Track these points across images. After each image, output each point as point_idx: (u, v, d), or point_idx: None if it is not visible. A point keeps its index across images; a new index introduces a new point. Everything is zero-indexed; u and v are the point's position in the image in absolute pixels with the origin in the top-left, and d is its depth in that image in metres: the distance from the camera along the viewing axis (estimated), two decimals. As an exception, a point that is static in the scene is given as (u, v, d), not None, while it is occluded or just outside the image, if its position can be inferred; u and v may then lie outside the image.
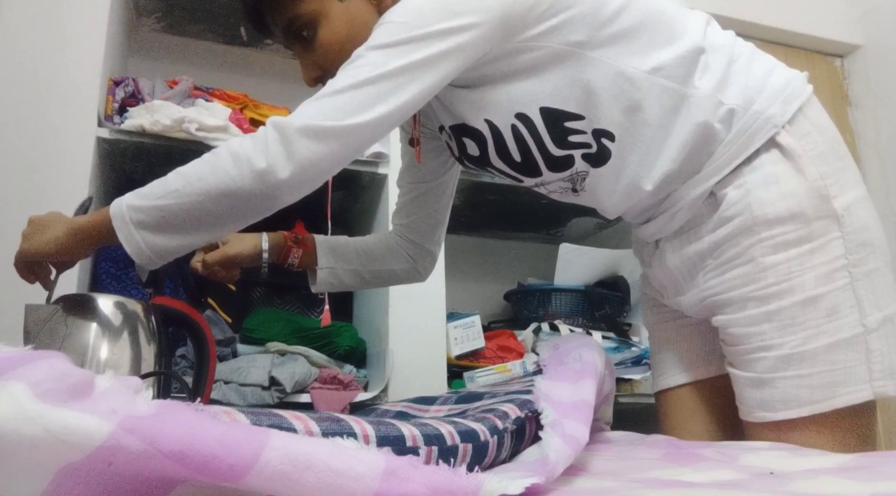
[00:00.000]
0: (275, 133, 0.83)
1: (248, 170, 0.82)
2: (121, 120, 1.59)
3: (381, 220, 1.75)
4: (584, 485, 0.63)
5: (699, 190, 0.93)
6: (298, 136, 0.82)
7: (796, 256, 0.88)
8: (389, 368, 1.60)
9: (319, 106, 0.84)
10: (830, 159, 0.91)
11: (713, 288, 0.94)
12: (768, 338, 0.88)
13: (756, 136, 0.91)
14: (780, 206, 0.89)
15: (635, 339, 2.05)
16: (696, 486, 0.59)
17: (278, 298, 1.86)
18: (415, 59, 0.84)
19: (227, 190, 0.83)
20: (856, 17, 2.66)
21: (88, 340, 0.91)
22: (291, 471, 0.41)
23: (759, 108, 0.91)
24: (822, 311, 0.87)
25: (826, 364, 0.86)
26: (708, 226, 0.94)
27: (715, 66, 0.92)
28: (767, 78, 0.93)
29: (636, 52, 0.90)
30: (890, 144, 2.51)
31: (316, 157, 0.83)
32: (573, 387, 0.88)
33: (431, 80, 0.85)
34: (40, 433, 0.36)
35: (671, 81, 0.90)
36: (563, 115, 0.91)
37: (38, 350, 0.43)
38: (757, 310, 0.89)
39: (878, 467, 0.60)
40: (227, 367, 1.56)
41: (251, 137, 0.84)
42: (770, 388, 0.88)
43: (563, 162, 0.95)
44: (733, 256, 0.92)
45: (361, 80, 0.84)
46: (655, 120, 0.91)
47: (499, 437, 0.72)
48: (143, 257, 0.86)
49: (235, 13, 2.01)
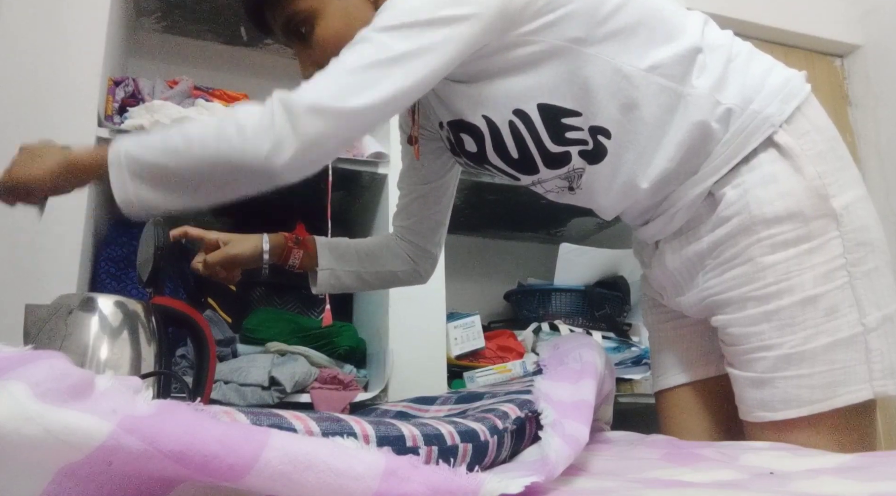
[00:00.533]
0: (281, 109, 0.83)
1: (251, 145, 0.82)
2: (121, 120, 1.59)
3: (381, 220, 1.75)
4: (584, 485, 0.63)
5: (697, 190, 0.93)
6: (306, 115, 0.82)
7: (795, 256, 0.88)
8: (389, 368, 1.60)
9: (327, 84, 0.84)
10: (829, 158, 0.91)
11: (712, 288, 0.94)
12: (767, 338, 0.88)
13: (754, 135, 0.90)
14: (779, 205, 0.88)
15: (635, 339, 2.06)
16: (696, 486, 0.59)
17: (278, 298, 1.86)
18: (421, 43, 0.85)
19: (228, 161, 0.83)
20: (856, 17, 2.66)
21: (88, 340, 0.90)
22: (291, 470, 0.41)
23: (756, 108, 0.91)
24: (821, 311, 0.86)
25: (826, 364, 0.86)
26: (707, 226, 0.94)
27: (713, 65, 0.92)
28: (765, 77, 0.93)
29: (633, 50, 0.90)
30: (890, 144, 2.51)
31: (322, 138, 0.83)
32: (573, 386, 0.88)
33: (436, 64, 0.86)
34: (40, 433, 0.36)
35: (668, 80, 0.90)
36: (560, 111, 0.91)
37: (38, 350, 0.43)
38: (756, 309, 0.89)
39: (878, 467, 0.60)
40: (227, 367, 1.56)
41: (258, 111, 0.84)
42: (770, 388, 0.88)
43: (559, 158, 0.95)
44: (732, 256, 0.91)
45: (369, 61, 0.84)
46: (652, 118, 0.91)
47: (499, 437, 0.72)
48: (129, 207, 0.87)
49: (235, 13, 2.01)
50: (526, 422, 0.81)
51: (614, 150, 0.93)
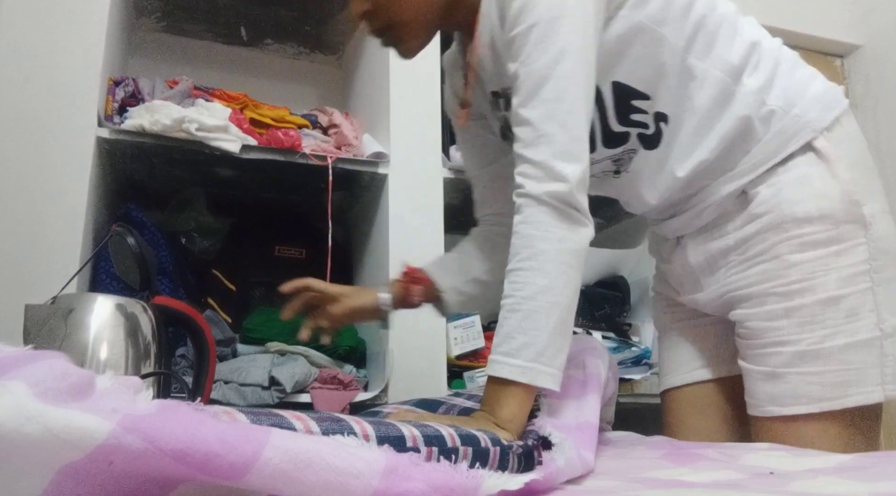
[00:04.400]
0: (563, 205, 0.82)
1: (576, 261, 0.83)
2: (121, 120, 1.59)
3: (381, 220, 1.75)
4: (584, 484, 0.63)
5: (731, 187, 0.95)
6: (580, 194, 0.82)
7: (822, 256, 0.90)
8: (389, 368, 1.60)
9: (562, 157, 0.82)
10: (862, 168, 0.95)
11: (734, 282, 0.96)
12: (786, 334, 0.90)
13: (794, 138, 0.93)
14: (812, 205, 0.91)
15: (635, 339, 2.05)
16: (695, 486, 0.59)
17: (278, 298, 1.86)
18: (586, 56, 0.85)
19: (574, 286, 0.82)
20: (856, 17, 2.66)
21: (88, 340, 0.90)
22: (292, 469, 0.41)
23: (799, 112, 0.93)
24: (843, 312, 0.88)
25: (840, 363, 0.87)
26: (735, 223, 0.96)
27: (763, 67, 0.95)
28: (808, 85, 0.96)
29: (701, 42, 0.93)
30: (890, 144, 2.51)
31: (573, 181, 0.82)
32: (577, 403, 0.87)
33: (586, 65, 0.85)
34: (41, 432, 0.36)
35: (725, 75, 0.93)
36: (632, 92, 0.94)
37: (38, 350, 0.43)
38: (778, 305, 0.91)
39: (878, 467, 0.60)
40: (227, 367, 1.56)
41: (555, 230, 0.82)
42: (782, 383, 0.90)
43: (619, 138, 0.97)
44: (759, 252, 0.93)
45: (564, 115, 0.83)
46: (703, 110, 0.94)
47: (502, 450, 0.71)
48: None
49: (235, 13, 2.02)
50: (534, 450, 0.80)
51: (668, 138, 0.96)
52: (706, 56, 0.93)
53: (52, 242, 1.41)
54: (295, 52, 2.23)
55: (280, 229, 1.94)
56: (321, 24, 2.08)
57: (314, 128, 1.85)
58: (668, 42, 0.92)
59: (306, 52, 2.22)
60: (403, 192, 1.72)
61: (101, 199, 1.60)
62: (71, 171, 1.46)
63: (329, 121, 1.88)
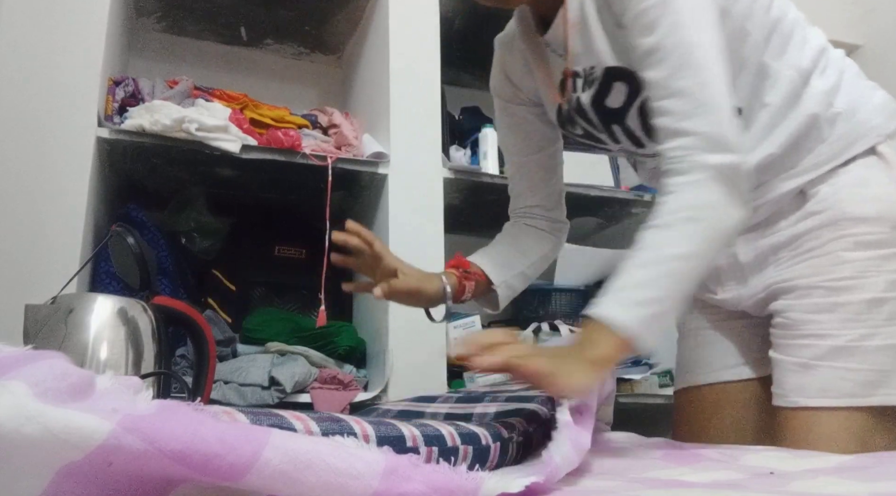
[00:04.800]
0: (736, 179, 0.81)
1: (726, 241, 0.83)
2: (121, 120, 1.59)
3: (380, 220, 1.75)
4: (584, 485, 0.63)
5: (791, 185, 0.96)
6: (747, 180, 0.83)
7: (875, 257, 0.91)
8: (389, 368, 1.60)
9: (729, 126, 0.82)
10: None
11: (781, 275, 0.97)
12: (826, 328, 0.91)
13: (858, 141, 0.95)
14: (870, 206, 0.92)
15: (635, 339, 2.05)
16: (695, 486, 0.59)
17: (278, 298, 1.87)
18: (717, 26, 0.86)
19: (719, 247, 0.82)
20: (856, 17, 2.66)
21: (88, 340, 0.91)
22: (291, 469, 0.41)
23: (863, 118, 0.96)
24: (885, 314, 0.90)
25: (873, 363, 0.89)
26: (788, 220, 0.97)
27: (830, 72, 0.97)
28: (872, 94, 0.99)
29: (776, 44, 0.95)
30: (890, 144, 2.51)
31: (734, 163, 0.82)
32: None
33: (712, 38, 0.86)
34: (40, 432, 0.36)
35: (798, 75, 0.95)
36: None
37: (38, 350, 0.43)
38: (824, 299, 0.92)
39: (878, 467, 0.60)
40: (227, 367, 1.56)
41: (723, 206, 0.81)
42: (812, 375, 0.91)
43: None
44: (812, 247, 0.94)
45: (719, 84, 0.83)
46: (774, 107, 0.95)
47: (503, 444, 0.72)
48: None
49: (235, 13, 2.02)
50: (534, 435, 0.80)
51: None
52: (780, 57, 0.95)
53: (52, 242, 1.41)
54: (295, 52, 2.23)
55: (280, 229, 1.94)
56: (321, 24, 2.08)
57: (314, 128, 1.85)
58: (751, 37, 0.94)
59: (306, 52, 2.22)
60: (403, 192, 1.72)
61: (101, 199, 1.60)
62: (71, 171, 1.46)
63: (329, 121, 1.88)
